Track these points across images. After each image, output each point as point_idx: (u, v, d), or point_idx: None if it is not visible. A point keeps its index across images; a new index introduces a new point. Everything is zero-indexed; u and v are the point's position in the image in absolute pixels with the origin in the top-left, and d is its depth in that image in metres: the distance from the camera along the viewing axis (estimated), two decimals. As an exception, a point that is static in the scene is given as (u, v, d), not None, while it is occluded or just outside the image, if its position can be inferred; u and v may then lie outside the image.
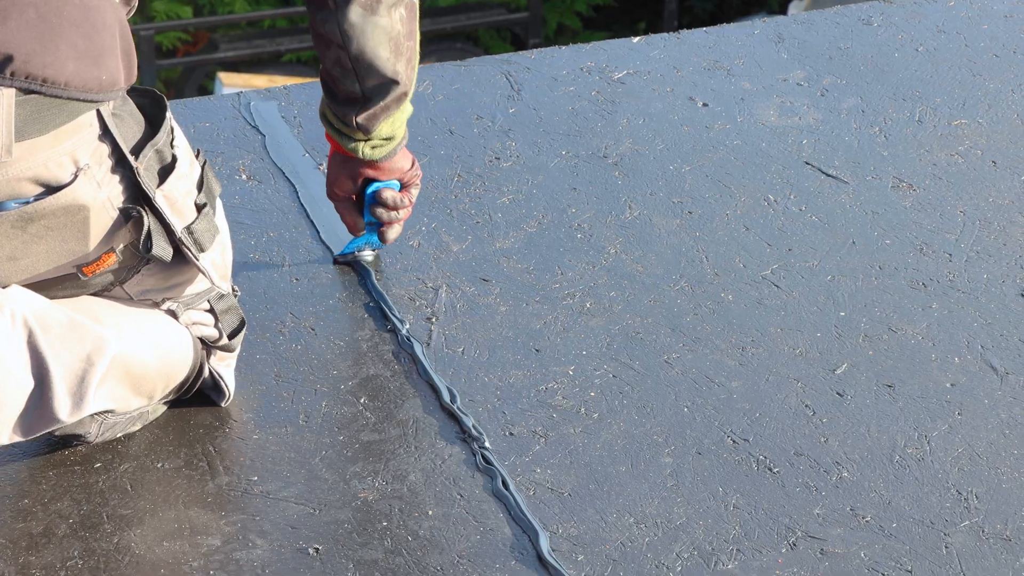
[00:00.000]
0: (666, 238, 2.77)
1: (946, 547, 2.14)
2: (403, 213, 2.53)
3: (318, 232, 2.73)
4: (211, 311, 2.27)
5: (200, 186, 2.20)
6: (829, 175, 2.95)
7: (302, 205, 2.80)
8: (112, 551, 2.11)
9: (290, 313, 2.55)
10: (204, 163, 2.24)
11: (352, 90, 2.34)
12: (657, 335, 2.53)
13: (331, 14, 2.27)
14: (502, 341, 2.50)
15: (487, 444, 2.29)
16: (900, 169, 2.97)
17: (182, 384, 2.29)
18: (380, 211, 2.52)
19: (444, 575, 2.09)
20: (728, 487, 2.24)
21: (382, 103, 2.35)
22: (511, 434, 2.32)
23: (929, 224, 2.82)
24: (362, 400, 2.37)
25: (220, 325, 2.28)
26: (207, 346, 2.29)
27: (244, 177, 2.88)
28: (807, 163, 2.98)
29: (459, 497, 2.21)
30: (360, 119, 2.37)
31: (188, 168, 2.18)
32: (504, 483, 2.23)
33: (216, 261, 2.22)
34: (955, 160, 3.00)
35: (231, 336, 2.29)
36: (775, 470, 2.27)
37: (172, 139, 2.15)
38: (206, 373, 2.31)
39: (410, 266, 2.66)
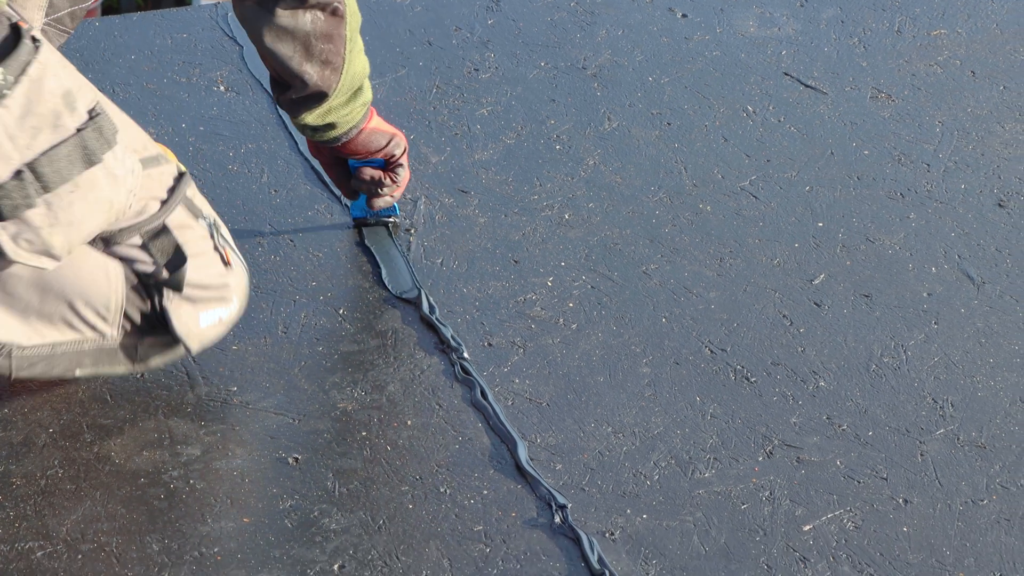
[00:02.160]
0: (645, 149, 2.76)
1: (921, 455, 2.16)
2: (386, 191, 2.43)
3: (296, 144, 2.72)
4: (144, 247, 2.09)
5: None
6: (808, 86, 2.94)
7: (280, 116, 2.79)
8: (92, 460, 2.12)
9: (268, 224, 2.54)
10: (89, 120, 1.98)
11: (272, 72, 2.27)
12: (635, 246, 2.54)
13: None
14: (481, 252, 2.50)
15: (466, 355, 2.30)
16: (879, 79, 2.96)
17: (108, 316, 2.11)
18: (360, 186, 2.44)
19: (423, 484, 2.10)
20: (706, 396, 2.25)
21: (296, 96, 2.26)
22: (489, 345, 2.33)
23: (907, 134, 2.82)
24: (341, 311, 2.37)
25: (154, 257, 2.10)
26: (153, 284, 2.11)
27: (222, 88, 2.87)
28: (786, 74, 2.97)
29: (438, 407, 2.22)
30: (281, 102, 2.29)
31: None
32: (483, 393, 2.23)
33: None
34: (934, 70, 3.00)
35: (171, 269, 2.10)
36: (752, 379, 2.28)
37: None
38: (147, 308, 2.13)
39: (388, 177, 2.65)
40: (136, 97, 2.81)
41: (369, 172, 2.41)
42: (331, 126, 2.30)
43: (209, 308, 2.16)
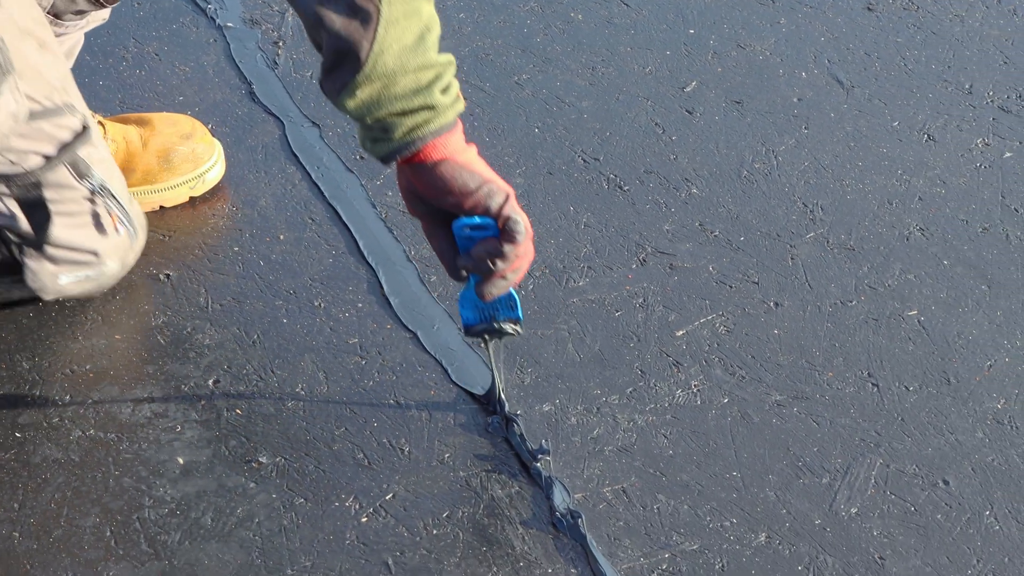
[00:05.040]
0: (515, -42, 2.73)
1: (792, 258, 2.18)
2: (502, 266, 1.78)
3: (159, -44, 2.66)
4: (9, 198, 1.95)
5: None
6: None
7: None
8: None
9: (132, 38, 2.49)
10: None
11: (309, 36, 1.75)
12: (507, 56, 2.51)
13: None
14: (351, 64, 2.47)
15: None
16: None
17: None
18: (467, 264, 1.80)
19: (297, 298, 2.09)
20: (579, 206, 2.25)
21: (327, 64, 1.71)
22: (362, 158, 2.31)
23: (778, -60, 2.80)
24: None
25: (18, 211, 1.96)
26: (13, 237, 1.99)
27: (80, -100, 2.79)
28: None
29: (310, 221, 2.21)
30: (322, 79, 1.74)
31: None
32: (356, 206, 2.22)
33: None
34: None
35: (33, 227, 1.97)
36: (625, 188, 2.29)
37: None
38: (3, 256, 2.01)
39: (255, -10, 2.61)
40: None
41: (482, 248, 1.77)
42: (388, 127, 1.73)
43: (74, 271, 2.01)
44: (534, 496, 1.87)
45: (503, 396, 1.95)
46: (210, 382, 1.98)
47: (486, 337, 1.88)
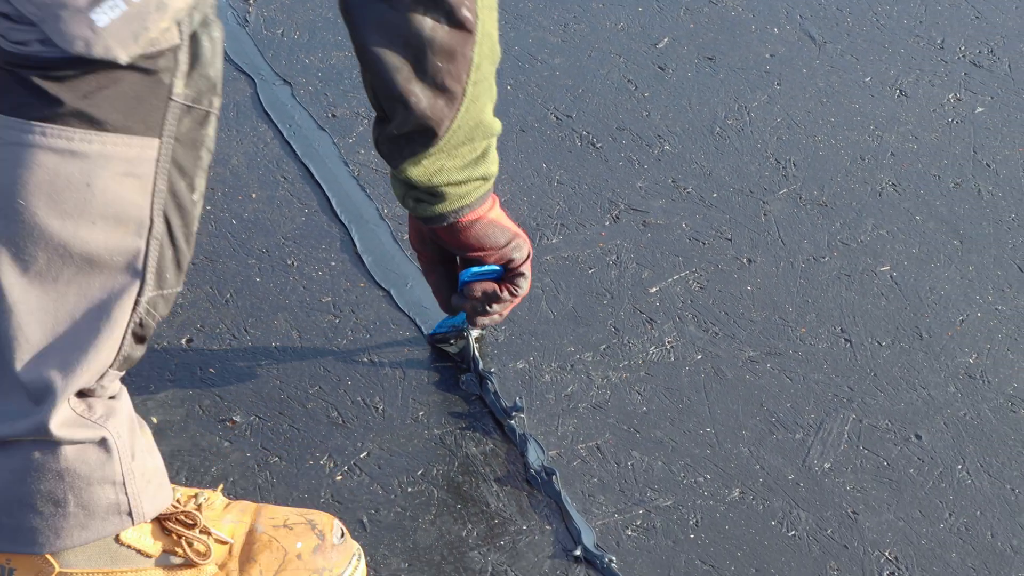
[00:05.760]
0: (487, -86, 2.72)
1: (765, 214, 2.19)
2: (497, 308, 1.90)
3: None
4: None
5: None
6: None
7: None
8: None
9: (102, -3, 2.47)
10: None
11: (373, 96, 1.73)
12: (479, 13, 2.51)
13: None
14: (322, 23, 2.46)
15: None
16: None
17: None
18: (465, 304, 1.89)
19: (269, 257, 2.09)
20: (552, 163, 2.25)
21: (396, 131, 1.71)
22: (333, 116, 2.30)
23: None
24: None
25: None
26: None
27: None
28: None
29: (283, 179, 2.20)
30: (380, 143, 1.74)
31: None
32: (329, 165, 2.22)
33: None
34: None
35: None
36: (598, 145, 2.29)
37: None
38: None
39: (225, -53, 2.59)
40: None
41: (482, 287, 1.88)
42: (438, 195, 1.76)
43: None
44: (508, 453, 1.87)
45: (477, 354, 1.95)
46: (183, 341, 1.97)
47: (451, 341, 2.00)
